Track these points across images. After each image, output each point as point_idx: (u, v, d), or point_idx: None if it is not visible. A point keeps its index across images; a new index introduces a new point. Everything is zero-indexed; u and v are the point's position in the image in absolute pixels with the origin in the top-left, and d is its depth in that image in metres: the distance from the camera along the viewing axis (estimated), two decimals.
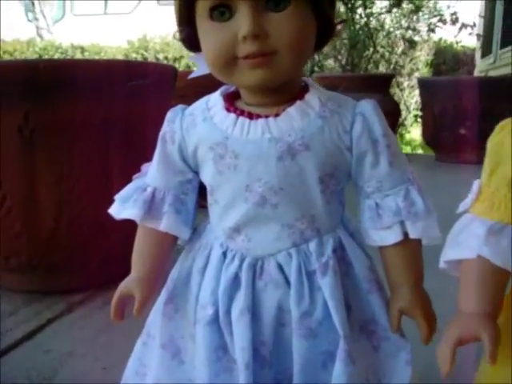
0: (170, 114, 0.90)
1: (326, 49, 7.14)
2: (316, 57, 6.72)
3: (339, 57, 7.31)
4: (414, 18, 7.50)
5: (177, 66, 9.10)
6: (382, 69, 7.59)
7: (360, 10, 6.85)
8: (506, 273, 0.77)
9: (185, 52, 10.04)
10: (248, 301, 0.82)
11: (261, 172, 0.80)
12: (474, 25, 7.18)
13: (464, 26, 7.01)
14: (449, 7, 7.16)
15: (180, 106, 0.90)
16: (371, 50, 7.08)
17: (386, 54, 7.60)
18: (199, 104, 0.88)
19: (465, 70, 9.13)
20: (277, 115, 0.80)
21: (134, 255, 0.94)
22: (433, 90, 5.06)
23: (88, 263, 1.93)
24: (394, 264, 0.85)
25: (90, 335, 1.63)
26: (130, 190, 0.92)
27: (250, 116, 0.81)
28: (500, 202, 0.77)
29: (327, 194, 0.82)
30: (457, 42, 7.80)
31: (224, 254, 0.86)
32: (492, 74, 7.27)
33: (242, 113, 0.82)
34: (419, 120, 6.93)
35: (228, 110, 0.83)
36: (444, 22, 7.15)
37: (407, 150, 7.56)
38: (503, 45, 7.13)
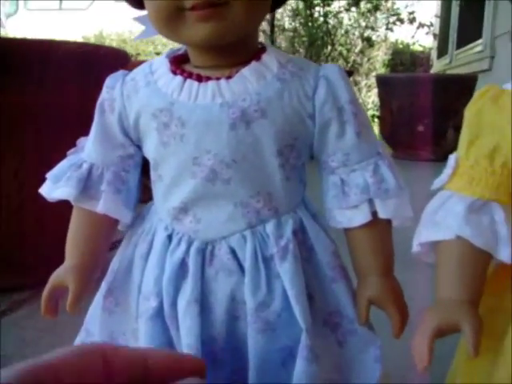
0: (109, 80, 0.79)
1: (284, 46, 7.12)
2: None
3: (297, 54, 7.28)
4: (372, 18, 7.52)
5: None
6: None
7: (319, 8, 6.83)
8: (488, 255, 0.69)
9: (141, 49, 9.92)
10: (196, 291, 0.72)
11: (210, 142, 0.70)
12: (431, 24, 7.25)
13: (421, 25, 7.08)
14: (407, 6, 7.20)
15: (121, 71, 0.79)
16: (329, 48, 7.06)
17: (344, 52, 7.60)
18: (142, 68, 0.78)
19: (421, 70, 9.19)
20: (229, 77, 0.71)
21: (68, 241, 0.83)
22: (391, 87, 5.04)
23: (33, 258, 1.79)
24: (362, 248, 0.76)
25: (33, 336, 1.51)
26: (63, 166, 0.81)
27: (199, 78, 0.71)
28: (480, 177, 0.69)
29: (287, 169, 0.73)
30: (414, 43, 7.86)
31: (169, 238, 0.76)
32: None
33: (189, 75, 0.72)
34: (376, 120, 6.96)
35: (174, 72, 0.73)
36: (401, 21, 7.19)
37: None
38: (459, 45, 7.18)
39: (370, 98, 8.38)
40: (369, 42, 7.49)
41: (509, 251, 0.68)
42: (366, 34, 7.53)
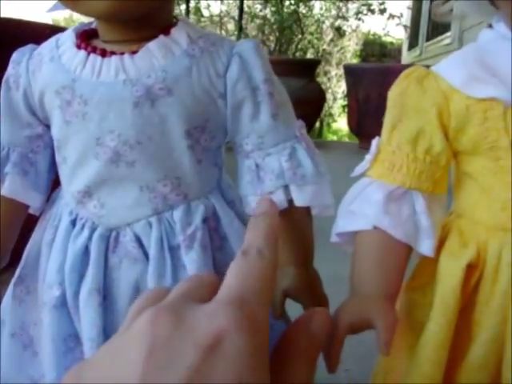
0: (15, 55, 0.74)
1: (254, 33, 7.06)
2: None
3: (267, 42, 7.22)
4: (344, 8, 7.49)
5: None
6: (311, 56, 7.54)
7: None
8: (408, 247, 0.65)
9: None
10: (98, 279, 0.68)
11: (114, 122, 0.65)
12: (401, 15, 7.24)
13: (391, 16, 7.06)
14: None
15: (30, 46, 0.74)
16: (299, 36, 7.02)
17: (315, 40, 7.55)
18: (49, 42, 0.72)
19: (392, 62, 9.20)
20: (134, 52, 0.65)
21: None
22: (358, 77, 5.00)
23: None
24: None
25: None
26: None
27: (103, 53, 0.66)
28: (402, 163, 0.65)
29: (197, 152, 0.68)
30: (385, 35, 7.86)
31: (73, 223, 0.71)
32: None
33: (93, 50, 0.67)
34: (346, 110, 6.96)
35: (79, 47, 0.68)
36: (372, 11, 7.17)
37: (333, 138, 7.57)
38: (429, 37, 7.19)
39: (341, 88, 8.36)
40: (339, 32, 7.46)
41: (430, 243, 0.64)
42: (336, 24, 7.49)
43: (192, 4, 6.60)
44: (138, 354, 0.30)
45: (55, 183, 0.78)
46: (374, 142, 0.69)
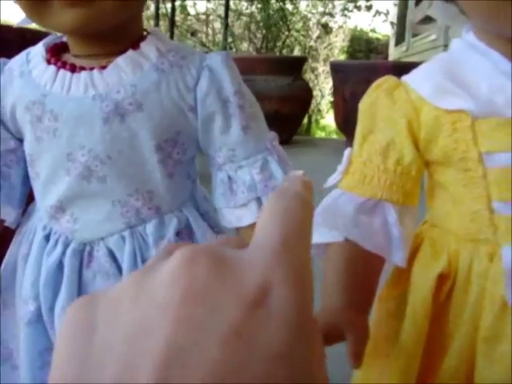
0: None
1: (240, 31, 7.04)
2: (229, 39, 6.57)
3: (254, 40, 7.20)
4: (330, 4, 7.47)
5: None
6: (298, 53, 7.52)
7: None
8: (380, 258, 0.65)
9: None
10: (72, 294, 0.68)
11: (84, 137, 0.65)
12: (388, 12, 7.22)
13: (378, 12, 7.05)
14: None
15: (2, 60, 0.73)
16: (286, 33, 7.00)
17: (301, 37, 7.54)
18: (20, 56, 0.72)
19: (380, 57, 9.21)
20: (103, 67, 0.65)
21: None
22: (344, 75, 4.99)
23: None
24: None
25: None
26: None
27: (73, 68, 0.66)
28: (373, 175, 0.65)
29: (169, 166, 0.68)
30: (371, 30, 7.86)
31: (46, 238, 0.71)
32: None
33: (63, 65, 0.67)
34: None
35: (49, 61, 0.68)
36: (359, 8, 7.16)
37: (321, 135, 7.56)
38: (415, 33, 7.20)
39: (328, 84, 8.35)
40: (325, 29, 7.44)
41: (402, 254, 0.64)
42: (323, 21, 7.47)
43: (178, 2, 6.57)
44: (168, 299, 0.24)
45: (31, 196, 0.77)
46: (346, 153, 0.69)
